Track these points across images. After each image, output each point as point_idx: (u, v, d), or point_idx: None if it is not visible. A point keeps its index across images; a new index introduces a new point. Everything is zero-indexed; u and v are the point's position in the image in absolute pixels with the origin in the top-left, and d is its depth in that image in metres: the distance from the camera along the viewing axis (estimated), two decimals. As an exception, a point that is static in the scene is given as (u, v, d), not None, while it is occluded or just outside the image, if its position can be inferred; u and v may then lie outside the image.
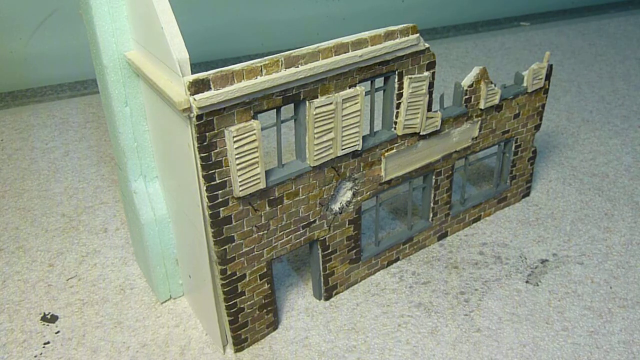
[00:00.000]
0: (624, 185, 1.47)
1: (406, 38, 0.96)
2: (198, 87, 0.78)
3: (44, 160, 1.63)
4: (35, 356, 1.02)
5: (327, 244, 1.06)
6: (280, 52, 0.86)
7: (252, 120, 0.85)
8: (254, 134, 0.84)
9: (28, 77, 2.08)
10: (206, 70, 0.80)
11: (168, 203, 1.03)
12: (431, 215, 1.23)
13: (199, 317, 1.07)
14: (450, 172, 1.21)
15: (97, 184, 1.51)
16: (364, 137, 1.02)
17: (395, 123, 1.05)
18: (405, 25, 0.97)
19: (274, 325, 1.05)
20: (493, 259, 1.22)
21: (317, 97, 0.90)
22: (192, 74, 0.79)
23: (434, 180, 1.19)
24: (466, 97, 1.14)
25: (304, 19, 2.46)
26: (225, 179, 0.86)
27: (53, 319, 1.09)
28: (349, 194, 1.04)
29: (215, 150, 0.83)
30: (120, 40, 0.91)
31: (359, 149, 1.00)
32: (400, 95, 1.02)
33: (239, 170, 0.85)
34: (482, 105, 1.16)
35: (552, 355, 1.00)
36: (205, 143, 0.82)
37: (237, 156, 0.84)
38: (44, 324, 1.08)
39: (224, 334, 1.00)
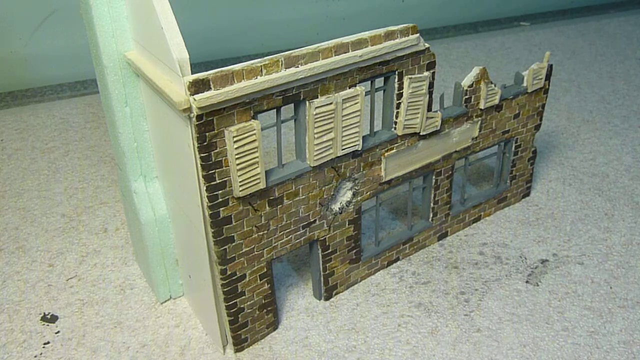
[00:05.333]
0: (624, 185, 1.47)
1: (406, 38, 0.96)
2: (198, 87, 0.78)
3: (44, 160, 1.63)
4: (35, 356, 1.02)
5: (327, 244, 1.06)
6: (280, 52, 0.86)
7: (252, 120, 0.85)
8: (254, 134, 0.84)
9: (28, 77, 2.08)
10: (206, 70, 0.80)
11: (168, 203, 1.03)
12: (431, 215, 1.23)
13: (199, 317, 1.07)
14: (450, 172, 1.21)
15: (97, 184, 1.51)
16: (364, 137, 1.02)
17: (395, 123, 1.05)
18: (405, 25, 0.97)
19: (274, 325, 1.05)
20: (493, 259, 1.22)
21: (317, 97, 0.90)
22: (192, 74, 0.79)
23: (434, 180, 1.19)
24: (466, 97, 1.14)
25: (304, 19, 2.46)
26: (225, 179, 0.86)
27: (53, 319, 1.09)
28: (349, 194, 1.04)
29: (215, 150, 0.83)
30: (120, 40, 0.91)
31: (359, 149, 1.00)
32: (400, 95, 1.02)
33: (239, 170, 0.85)
34: (482, 105, 1.16)
35: (552, 355, 1.00)
36: (205, 143, 0.82)
37: (237, 156, 0.84)
38: (44, 324, 1.08)
39: (224, 334, 1.00)
